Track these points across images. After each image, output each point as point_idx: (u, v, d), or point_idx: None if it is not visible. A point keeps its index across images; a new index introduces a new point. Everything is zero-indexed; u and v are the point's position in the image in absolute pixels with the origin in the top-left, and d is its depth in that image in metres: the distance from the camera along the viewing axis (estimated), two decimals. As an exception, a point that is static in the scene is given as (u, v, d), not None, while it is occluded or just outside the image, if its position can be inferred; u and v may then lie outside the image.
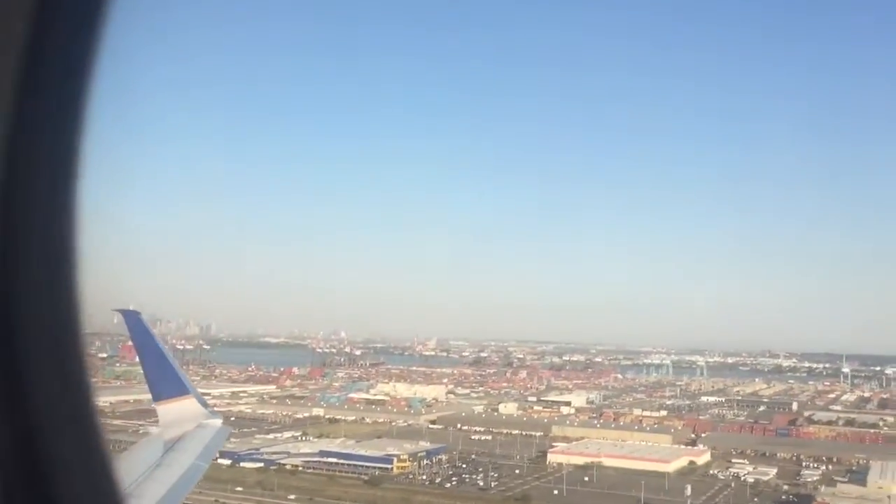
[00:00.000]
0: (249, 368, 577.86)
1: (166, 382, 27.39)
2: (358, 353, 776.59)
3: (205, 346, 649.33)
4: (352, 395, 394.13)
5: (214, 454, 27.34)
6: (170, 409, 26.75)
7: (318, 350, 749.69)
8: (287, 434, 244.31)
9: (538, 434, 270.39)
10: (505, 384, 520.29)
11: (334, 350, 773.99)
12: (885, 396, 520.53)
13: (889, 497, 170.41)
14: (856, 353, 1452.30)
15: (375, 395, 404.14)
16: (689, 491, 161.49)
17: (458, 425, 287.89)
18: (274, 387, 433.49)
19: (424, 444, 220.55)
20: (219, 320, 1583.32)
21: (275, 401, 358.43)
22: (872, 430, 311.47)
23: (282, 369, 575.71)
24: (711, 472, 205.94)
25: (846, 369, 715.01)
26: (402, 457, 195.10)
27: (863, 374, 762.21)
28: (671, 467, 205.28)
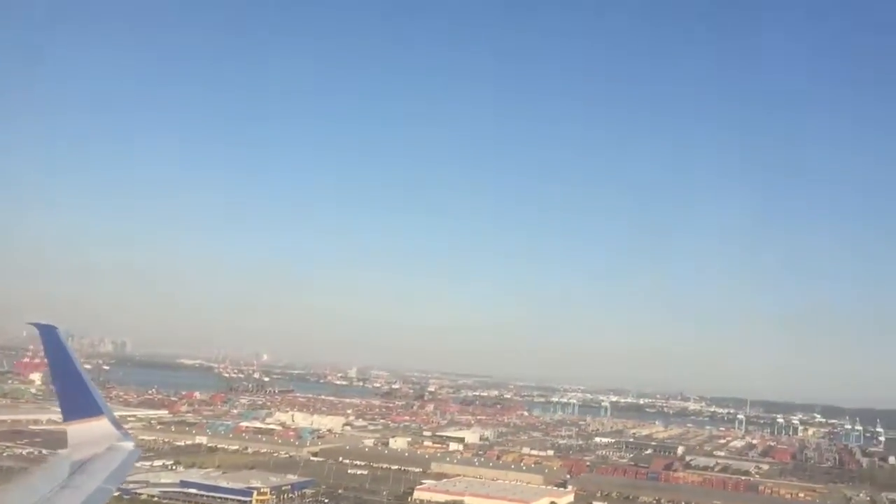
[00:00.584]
0: (150, 392, 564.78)
1: (79, 402, 26.20)
2: (267, 379, 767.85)
3: (104, 367, 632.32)
4: (245, 423, 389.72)
5: (124, 477, 25.75)
6: (80, 430, 25.69)
7: (226, 375, 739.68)
8: (159, 462, 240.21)
9: (417, 470, 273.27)
10: (408, 417, 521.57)
11: (242, 375, 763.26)
12: (771, 444, 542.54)
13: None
14: (761, 399, 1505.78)
15: (270, 424, 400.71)
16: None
17: (340, 458, 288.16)
18: (167, 412, 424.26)
19: (292, 478, 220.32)
20: (136, 339, 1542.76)
21: (160, 427, 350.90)
22: (742, 477, 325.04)
23: (183, 393, 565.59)
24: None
25: (741, 416, 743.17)
26: (262, 490, 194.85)
27: (760, 421, 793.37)
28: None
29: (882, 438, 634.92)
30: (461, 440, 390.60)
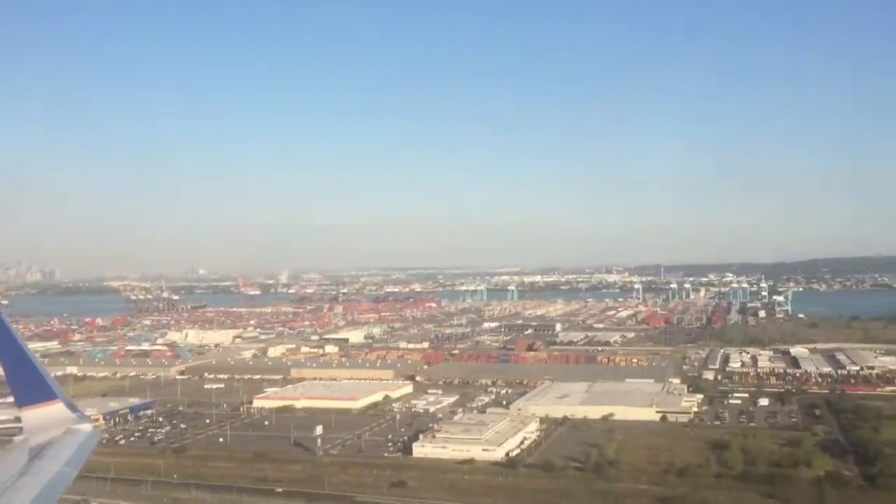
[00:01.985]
0: (52, 321, 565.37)
1: (31, 387, 25.56)
2: (177, 297, 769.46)
3: (2, 301, 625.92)
4: (131, 346, 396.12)
5: (83, 460, 25.55)
6: (36, 415, 25.43)
7: (133, 297, 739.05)
8: (10, 400, 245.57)
9: (277, 378, 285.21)
10: (307, 323, 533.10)
11: (151, 296, 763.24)
12: (655, 311, 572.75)
13: (525, 419, 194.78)
14: (680, 264, 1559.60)
15: (159, 345, 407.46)
16: (319, 430, 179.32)
17: (206, 374, 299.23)
18: (56, 342, 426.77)
19: (133, 401, 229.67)
20: (67, 265, 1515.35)
21: (44, 360, 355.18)
22: (598, 348, 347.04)
23: (86, 320, 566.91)
24: (395, 405, 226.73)
25: (637, 285, 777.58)
26: (94, 416, 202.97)
27: (664, 287, 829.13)
28: (360, 404, 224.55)
29: (764, 293, 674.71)
30: (345, 341, 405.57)
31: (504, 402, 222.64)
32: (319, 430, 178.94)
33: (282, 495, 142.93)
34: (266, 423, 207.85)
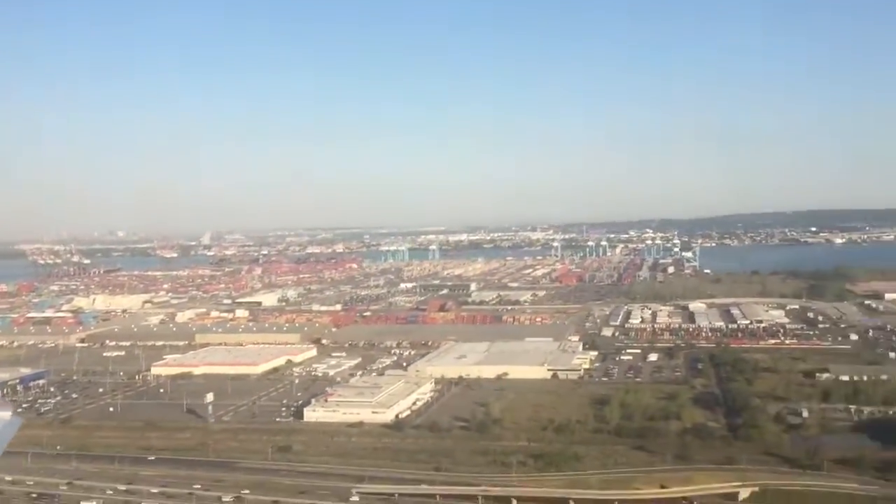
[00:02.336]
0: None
1: None
2: (87, 261, 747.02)
3: None
4: (33, 313, 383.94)
5: (3, 447, 25.80)
6: None
7: (41, 262, 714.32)
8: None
9: (181, 344, 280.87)
10: (223, 286, 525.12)
11: (60, 260, 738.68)
12: (571, 269, 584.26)
13: (420, 380, 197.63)
14: (604, 221, 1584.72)
15: (64, 311, 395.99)
16: (210, 397, 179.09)
17: (107, 341, 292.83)
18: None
19: (24, 371, 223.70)
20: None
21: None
22: (497, 309, 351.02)
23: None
24: (296, 369, 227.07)
25: (557, 244, 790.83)
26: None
27: (576, 245, 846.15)
28: (260, 369, 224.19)
29: (676, 250, 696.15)
30: (258, 304, 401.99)
31: (405, 364, 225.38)
32: (210, 397, 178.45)
33: (165, 463, 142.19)
34: (161, 390, 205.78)
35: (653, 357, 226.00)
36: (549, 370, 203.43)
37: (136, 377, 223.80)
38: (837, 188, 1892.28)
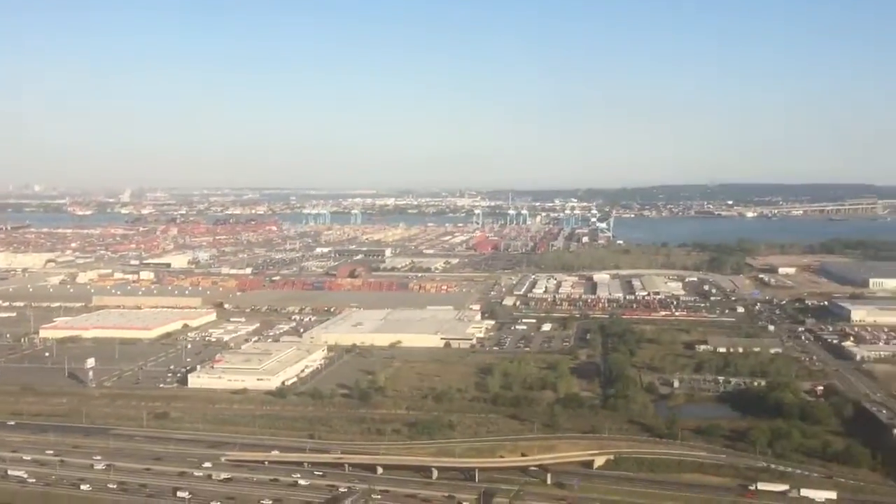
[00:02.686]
0: None
1: None
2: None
3: None
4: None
5: None
6: None
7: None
8: None
9: (78, 305, 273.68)
10: (133, 246, 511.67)
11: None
12: (489, 236, 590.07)
13: (313, 347, 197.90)
14: (531, 189, 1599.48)
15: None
16: (91, 362, 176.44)
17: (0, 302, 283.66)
18: None
19: None
20: None
21: None
22: (406, 276, 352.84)
23: None
24: (192, 334, 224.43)
25: (478, 211, 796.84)
26: None
27: (499, 213, 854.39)
28: (153, 334, 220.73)
29: (594, 220, 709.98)
30: (167, 266, 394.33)
31: (302, 331, 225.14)
32: (91, 362, 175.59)
33: (28, 428, 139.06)
34: (47, 354, 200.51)
35: (546, 327, 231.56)
36: (442, 339, 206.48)
37: (23, 340, 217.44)
38: (759, 163, 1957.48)
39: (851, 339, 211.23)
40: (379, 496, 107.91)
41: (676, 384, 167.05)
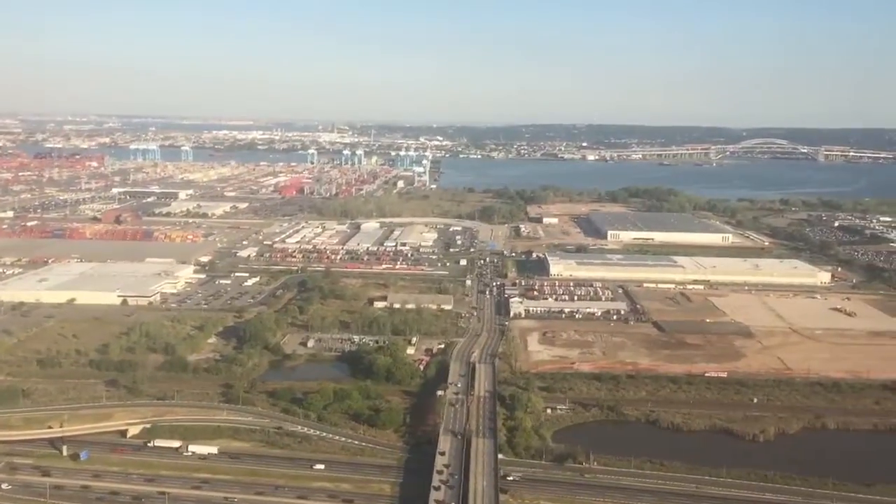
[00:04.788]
0: None
1: None
2: None
3: None
4: None
5: None
6: None
7: None
8: None
9: None
10: None
11: None
12: (303, 179, 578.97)
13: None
14: (405, 126, 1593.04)
15: None
16: None
17: None
18: None
19: None
20: None
21: None
22: (196, 221, 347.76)
23: None
24: None
25: (313, 150, 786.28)
26: None
27: (335, 151, 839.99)
28: None
29: (426, 161, 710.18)
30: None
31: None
32: None
33: None
34: None
35: (250, 282, 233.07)
36: (119, 296, 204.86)
37: None
38: (638, 104, 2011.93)
39: (534, 292, 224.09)
40: None
41: (311, 344, 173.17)
